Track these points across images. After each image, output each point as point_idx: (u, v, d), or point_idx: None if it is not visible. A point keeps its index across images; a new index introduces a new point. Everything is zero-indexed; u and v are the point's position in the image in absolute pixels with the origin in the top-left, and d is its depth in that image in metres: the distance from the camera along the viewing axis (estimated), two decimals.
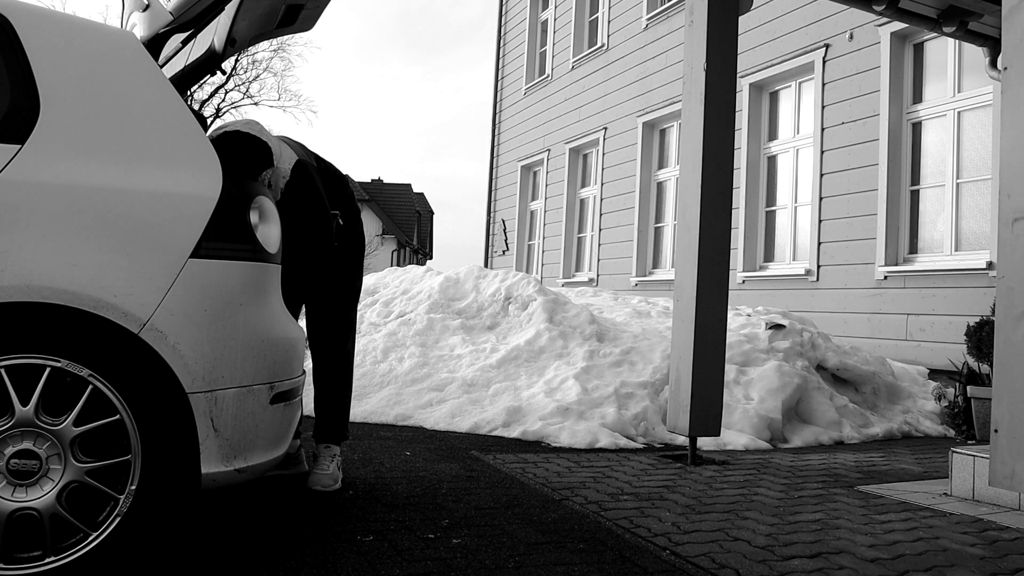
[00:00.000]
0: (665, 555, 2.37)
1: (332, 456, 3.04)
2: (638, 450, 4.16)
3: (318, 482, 2.95)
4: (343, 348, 3.09)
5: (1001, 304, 2.66)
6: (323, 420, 3.08)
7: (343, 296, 3.09)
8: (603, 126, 10.95)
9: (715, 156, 3.94)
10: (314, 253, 2.96)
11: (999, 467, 2.62)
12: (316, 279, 3.03)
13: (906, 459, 4.21)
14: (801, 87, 7.82)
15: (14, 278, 1.82)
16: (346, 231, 3.05)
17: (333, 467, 3.01)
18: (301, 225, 2.85)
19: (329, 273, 3.04)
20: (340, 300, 3.08)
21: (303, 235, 2.87)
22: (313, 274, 3.02)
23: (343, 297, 3.09)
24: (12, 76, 1.98)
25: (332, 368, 3.07)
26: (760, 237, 8.12)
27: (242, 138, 2.67)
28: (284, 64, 65.65)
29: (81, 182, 1.95)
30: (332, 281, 3.05)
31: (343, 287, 3.09)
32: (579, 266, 11.77)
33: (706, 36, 3.95)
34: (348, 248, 3.08)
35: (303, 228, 2.86)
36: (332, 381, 3.07)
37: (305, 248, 2.92)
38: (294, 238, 2.81)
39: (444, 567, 2.16)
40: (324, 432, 3.07)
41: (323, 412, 3.08)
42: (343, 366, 3.10)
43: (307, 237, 2.89)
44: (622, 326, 5.71)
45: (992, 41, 5.09)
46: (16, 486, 1.84)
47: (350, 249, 3.09)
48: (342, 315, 3.08)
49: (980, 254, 5.86)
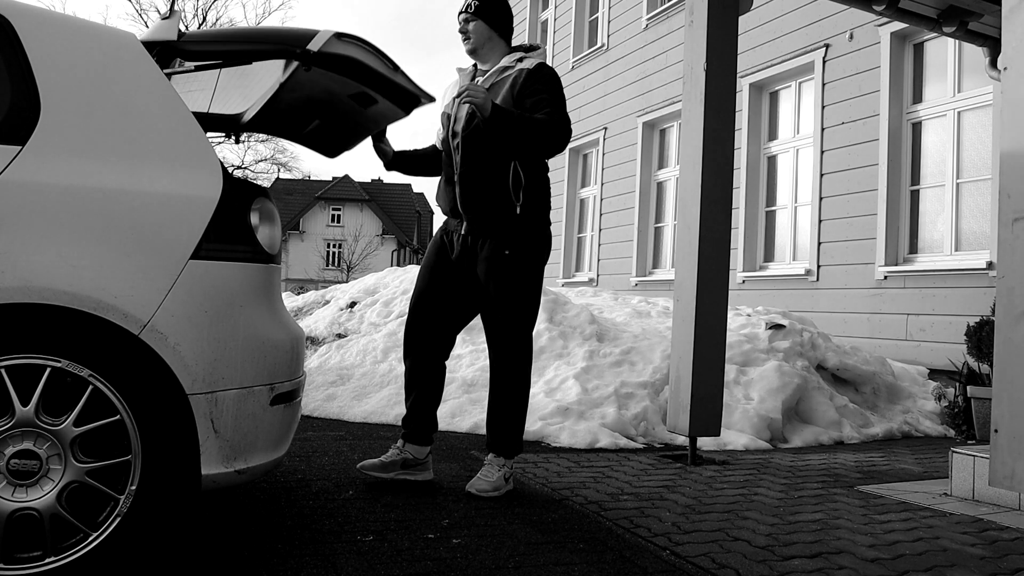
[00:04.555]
0: (665, 555, 2.37)
1: (499, 466, 3.00)
2: (638, 450, 4.16)
3: (474, 486, 2.96)
4: (520, 348, 3.03)
5: (1001, 304, 2.66)
6: (491, 430, 3.06)
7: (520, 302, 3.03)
8: (603, 126, 10.95)
9: (715, 156, 3.94)
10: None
11: (999, 467, 2.62)
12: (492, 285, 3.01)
13: (906, 459, 4.21)
14: (801, 87, 7.82)
15: (14, 279, 1.82)
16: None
17: (497, 476, 2.98)
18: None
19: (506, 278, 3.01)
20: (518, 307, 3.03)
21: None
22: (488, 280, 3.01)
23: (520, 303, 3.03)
24: (12, 77, 1.98)
25: (505, 371, 3.03)
26: (760, 237, 8.12)
27: None
28: None
29: (81, 183, 1.95)
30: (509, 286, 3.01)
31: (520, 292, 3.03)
32: (579, 266, 11.77)
33: (706, 36, 3.95)
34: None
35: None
36: (504, 385, 3.03)
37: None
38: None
39: (444, 567, 2.16)
40: (491, 442, 3.06)
41: (491, 422, 3.06)
42: (517, 368, 3.03)
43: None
44: (622, 326, 5.71)
45: (992, 41, 5.09)
46: (16, 486, 1.84)
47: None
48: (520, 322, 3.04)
49: (980, 254, 5.86)
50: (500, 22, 3.13)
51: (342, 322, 6.32)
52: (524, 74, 2.99)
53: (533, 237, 3.04)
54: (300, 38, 2.36)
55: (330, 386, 5.11)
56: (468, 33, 3.11)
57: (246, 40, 2.46)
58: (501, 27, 3.13)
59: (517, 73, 3.01)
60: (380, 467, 3.02)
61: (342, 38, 2.44)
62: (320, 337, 6.14)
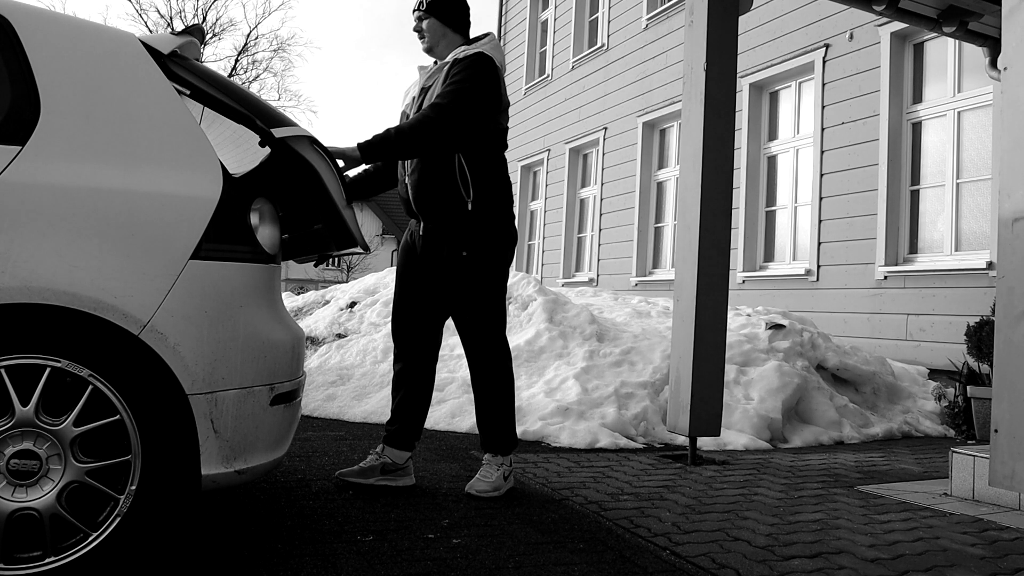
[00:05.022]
0: (665, 555, 2.37)
1: (498, 465, 3.00)
2: (638, 450, 4.16)
3: (473, 487, 2.96)
4: (493, 350, 3.00)
5: (1001, 304, 2.67)
6: (482, 431, 3.05)
7: (485, 298, 2.99)
8: (603, 126, 10.95)
9: (715, 156, 3.94)
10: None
11: (999, 467, 2.62)
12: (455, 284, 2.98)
13: (906, 459, 4.21)
14: (801, 87, 7.82)
15: (14, 279, 1.82)
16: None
17: (496, 476, 2.98)
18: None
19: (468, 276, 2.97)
20: (483, 302, 2.99)
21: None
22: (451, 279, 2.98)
23: (486, 299, 2.99)
24: (12, 77, 1.98)
25: (484, 373, 3.01)
26: (760, 237, 8.12)
27: None
28: (284, 64, 65.69)
29: (81, 183, 1.95)
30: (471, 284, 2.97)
31: (484, 289, 2.99)
32: (579, 266, 11.77)
33: (706, 36, 3.95)
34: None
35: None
36: (486, 387, 3.01)
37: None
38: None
39: (444, 567, 2.16)
40: (485, 442, 3.05)
41: (481, 423, 3.04)
42: (495, 369, 3.01)
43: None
44: (622, 326, 5.71)
45: (992, 41, 5.09)
46: (16, 486, 1.84)
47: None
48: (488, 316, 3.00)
49: (980, 254, 5.86)
50: (453, 17, 3.07)
51: (342, 322, 6.32)
52: (451, 64, 2.96)
53: (491, 236, 2.98)
54: (272, 118, 2.29)
55: (330, 386, 5.11)
56: (422, 31, 3.06)
57: (224, 91, 2.31)
58: (455, 22, 3.08)
59: (449, 64, 2.97)
60: (359, 473, 3.00)
61: (314, 144, 2.35)
62: (320, 337, 6.14)
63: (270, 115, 2.31)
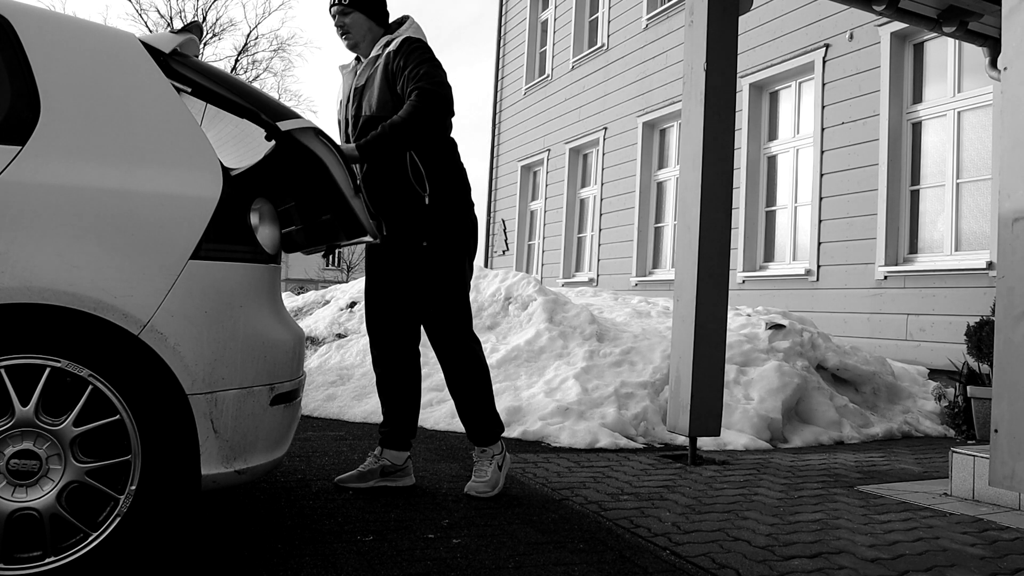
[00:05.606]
0: (665, 555, 2.37)
1: (490, 458, 2.99)
2: (638, 450, 4.16)
3: (472, 488, 2.95)
4: (460, 342, 2.97)
5: (1001, 304, 2.67)
6: (465, 425, 3.03)
7: (447, 292, 2.95)
8: (603, 126, 10.96)
9: (715, 156, 3.94)
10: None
11: (999, 467, 2.62)
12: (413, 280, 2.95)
13: (906, 459, 4.21)
14: (801, 87, 7.82)
15: (14, 279, 1.82)
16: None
17: (491, 471, 2.97)
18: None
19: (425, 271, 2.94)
20: (445, 297, 2.95)
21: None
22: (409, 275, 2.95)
23: (447, 293, 2.96)
24: (12, 77, 1.98)
25: (455, 367, 2.98)
26: (760, 237, 8.12)
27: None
28: (284, 64, 65.73)
29: (81, 183, 1.95)
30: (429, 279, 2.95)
31: (443, 283, 2.95)
32: (579, 266, 11.77)
33: (706, 36, 3.95)
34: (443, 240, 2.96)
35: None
36: (459, 381, 2.98)
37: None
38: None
39: (444, 567, 2.16)
40: (470, 436, 3.03)
41: (463, 418, 3.03)
42: (465, 361, 2.97)
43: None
44: (622, 326, 5.71)
45: (992, 41, 5.09)
46: (16, 486, 1.84)
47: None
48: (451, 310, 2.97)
49: (980, 254, 5.86)
50: (376, 10, 2.99)
51: (342, 322, 6.32)
52: (390, 56, 2.90)
53: (450, 226, 2.95)
54: (276, 112, 2.29)
55: (330, 386, 5.11)
56: (346, 27, 2.97)
57: (228, 87, 2.32)
58: (378, 15, 3.00)
59: (385, 58, 2.92)
60: (358, 477, 2.99)
61: (319, 135, 2.35)
62: (320, 337, 6.14)
63: (274, 108, 2.32)
